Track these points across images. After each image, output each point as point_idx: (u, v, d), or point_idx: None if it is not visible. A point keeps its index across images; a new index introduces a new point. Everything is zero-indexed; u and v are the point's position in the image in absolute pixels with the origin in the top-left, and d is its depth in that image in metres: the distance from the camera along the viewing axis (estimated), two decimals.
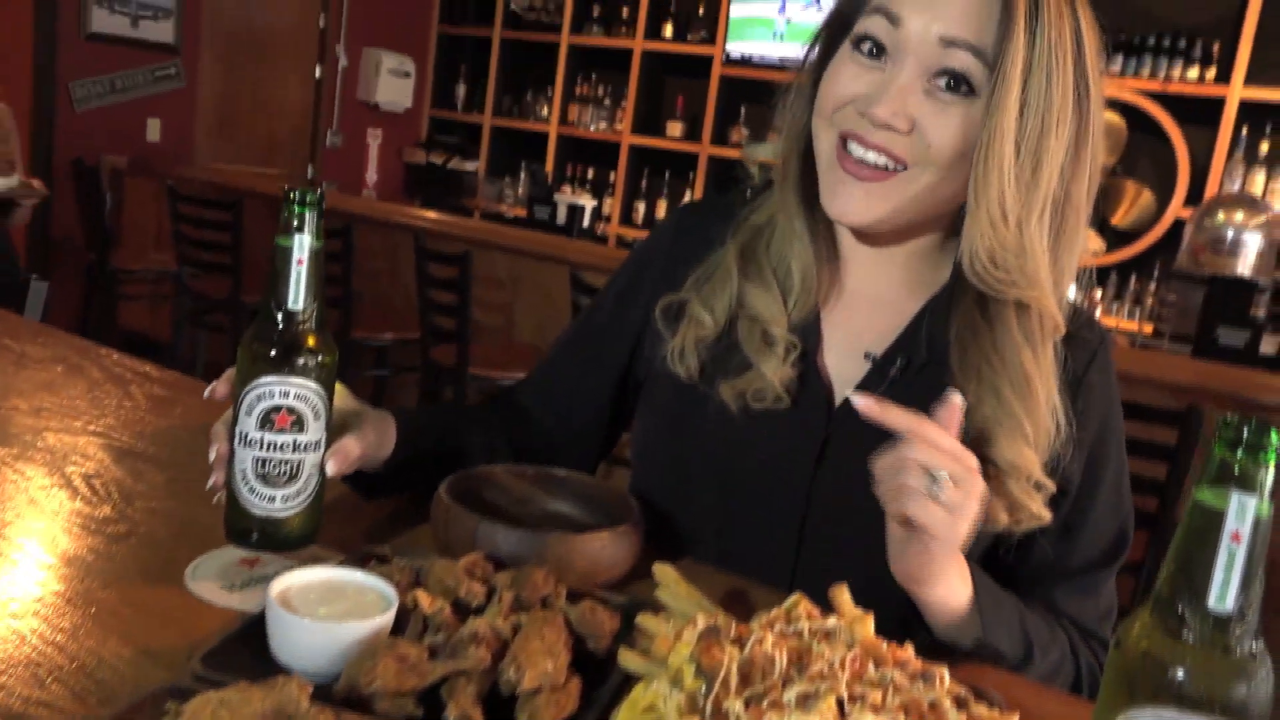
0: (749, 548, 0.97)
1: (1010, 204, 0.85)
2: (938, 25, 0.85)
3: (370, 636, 0.62)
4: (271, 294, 0.75)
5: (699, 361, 0.97)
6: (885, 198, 0.88)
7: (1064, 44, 0.85)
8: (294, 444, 0.75)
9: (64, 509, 0.87)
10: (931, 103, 0.86)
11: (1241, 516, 0.46)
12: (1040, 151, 0.85)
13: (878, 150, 0.86)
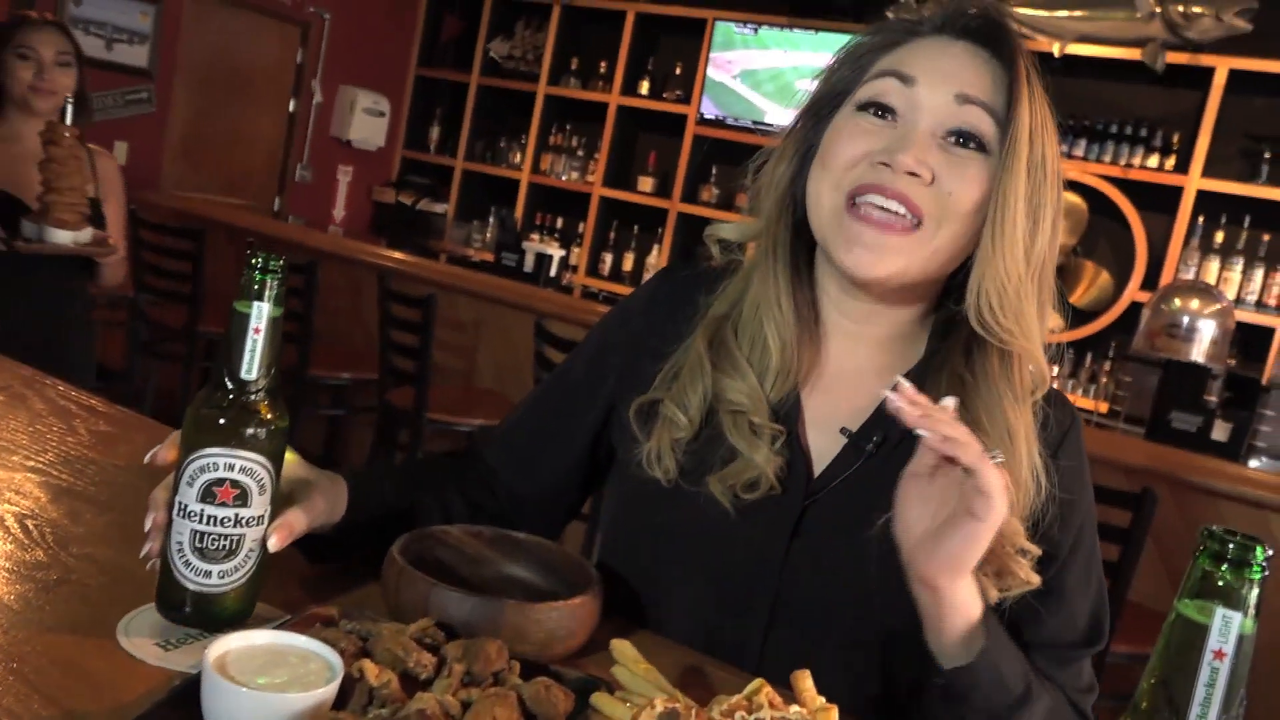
0: (718, 623, 0.95)
1: (1020, 257, 0.87)
2: (952, 83, 0.88)
3: (311, 710, 0.59)
4: (224, 360, 0.73)
5: (676, 462, 0.95)
6: (900, 251, 0.88)
7: (1050, 119, 0.89)
8: (235, 518, 0.72)
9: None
10: (949, 156, 0.88)
11: (1225, 633, 0.45)
12: (1039, 213, 0.88)
13: (899, 199, 0.87)
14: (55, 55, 2.51)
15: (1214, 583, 0.46)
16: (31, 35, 2.50)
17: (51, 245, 2.28)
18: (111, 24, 5.58)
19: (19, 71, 2.48)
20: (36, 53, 2.48)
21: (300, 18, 6.45)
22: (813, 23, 5.64)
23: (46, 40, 2.51)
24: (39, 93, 2.50)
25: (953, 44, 0.91)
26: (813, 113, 0.95)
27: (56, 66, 2.51)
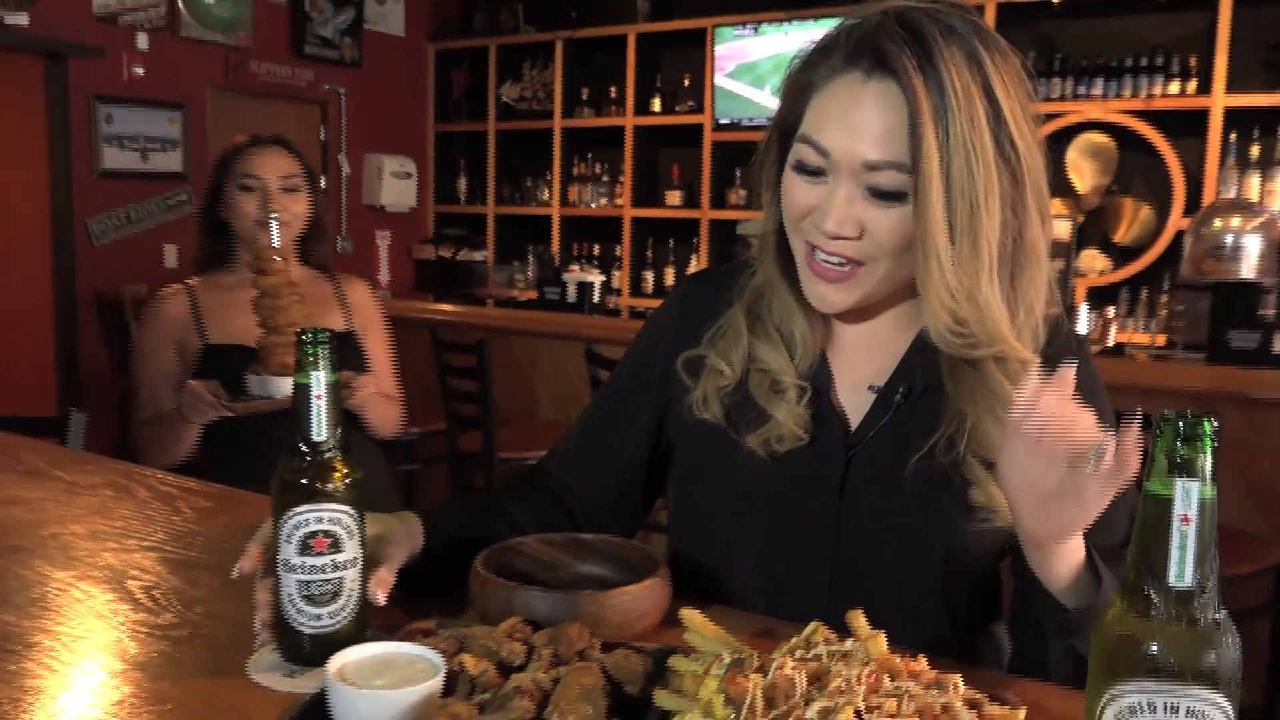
0: (786, 586, 1.02)
1: (954, 283, 0.92)
2: (859, 149, 0.92)
3: (424, 700, 0.67)
4: (295, 429, 0.82)
5: (722, 408, 1.04)
6: (852, 289, 0.97)
7: (977, 124, 0.90)
8: (333, 564, 0.82)
9: (129, 620, 0.93)
10: (872, 207, 0.93)
11: (1188, 501, 0.51)
12: (975, 227, 0.91)
13: (837, 255, 0.95)
14: (281, 180, 2.18)
15: (1173, 459, 0.52)
16: (252, 160, 2.18)
17: (273, 400, 1.87)
18: (144, 135, 5.84)
19: (243, 205, 2.16)
20: (260, 180, 2.16)
21: (317, 97, 6.67)
22: (810, 12, 5.70)
23: (270, 164, 2.19)
24: (265, 228, 2.08)
25: (865, 85, 0.92)
26: (778, 138, 1.02)
27: (284, 193, 2.18)
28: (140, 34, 5.74)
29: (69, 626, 0.90)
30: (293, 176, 2.19)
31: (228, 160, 2.20)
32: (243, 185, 2.14)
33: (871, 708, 0.62)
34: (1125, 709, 0.52)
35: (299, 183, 2.20)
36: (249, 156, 2.17)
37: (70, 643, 0.87)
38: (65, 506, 1.28)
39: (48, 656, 0.84)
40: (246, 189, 2.14)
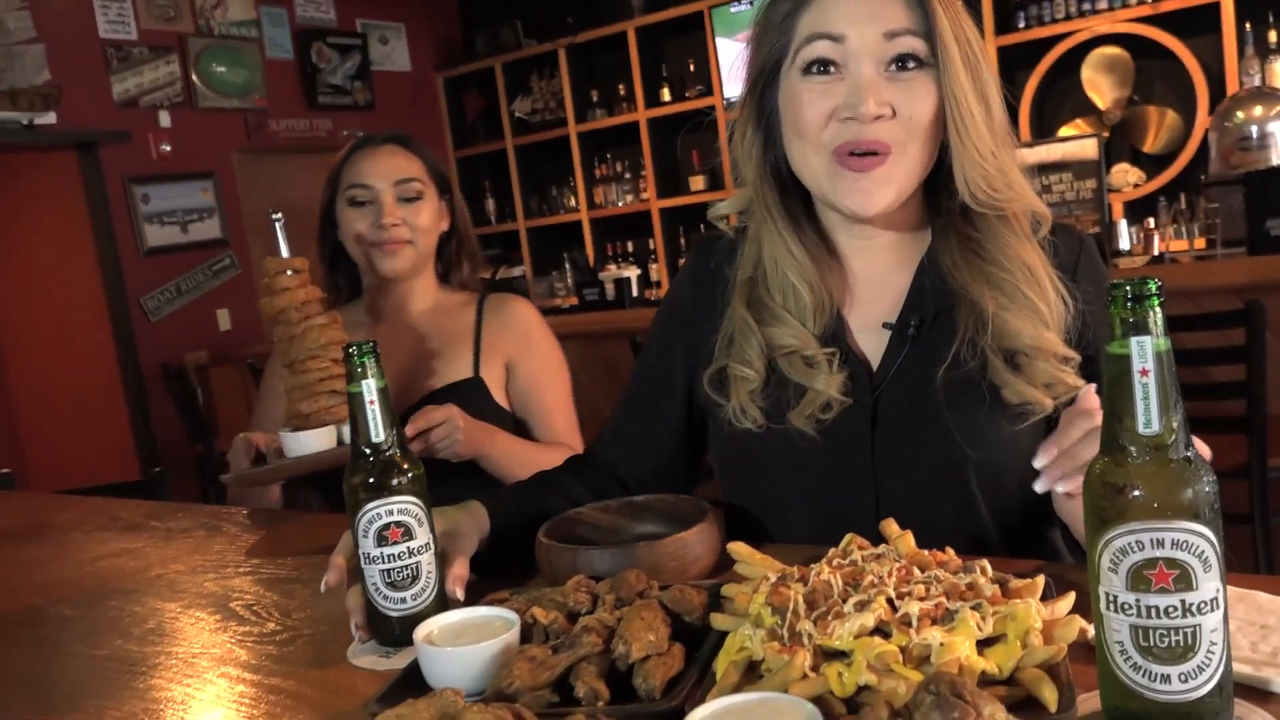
0: (834, 528, 1.08)
1: (985, 138, 1.00)
2: (876, 25, 0.98)
3: (503, 650, 0.74)
4: (357, 434, 0.90)
5: (759, 409, 1.08)
6: (888, 182, 1.01)
7: (964, 12, 1.00)
8: (408, 550, 0.89)
9: (236, 633, 1.01)
10: (897, 85, 0.99)
11: (1144, 355, 0.57)
12: (986, 94, 1.00)
13: (873, 145, 0.99)
14: (396, 187, 1.71)
15: (1126, 321, 0.57)
16: (360, 167, 1.73)
17: (291, 463, 1.44)
18: (181, 209, 6.04)
19: (352, 223, 1.72)
20: (371, 190, 1.70)
21: (337, 144, 6.77)
22: None
23: (382, 168, 1.72)
24: (381, 249, 1.71)
25: None
26: (756, 84, 1.07)
27: (401, 204, 1.71)
28: (162, 112, 5.94)
29: (185, 646, 1.00)
30: (411, 181, 1.73)
31: (334, 173, 1.78)
32: (351, 199, 1.72)
33: (902, 594, 0.68)
34: (1118, 551, 0.57)
35: (420, 188, 1.73)
36: (356, 162, 1.74)
37: (188, 659, 0.96)
38: (165, 549, 1.39)
39: (170, 672, 0.93)
40: (355, 203, 1.72)
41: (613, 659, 0.72)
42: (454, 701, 0.65)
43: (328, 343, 1.47)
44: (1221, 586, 0.57)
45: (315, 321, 1.47)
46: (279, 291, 1.47)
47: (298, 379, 1.45)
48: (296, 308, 1.47)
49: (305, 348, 1.45)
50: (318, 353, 1.46)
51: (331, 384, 1.46)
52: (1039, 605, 0.68)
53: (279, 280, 1.48)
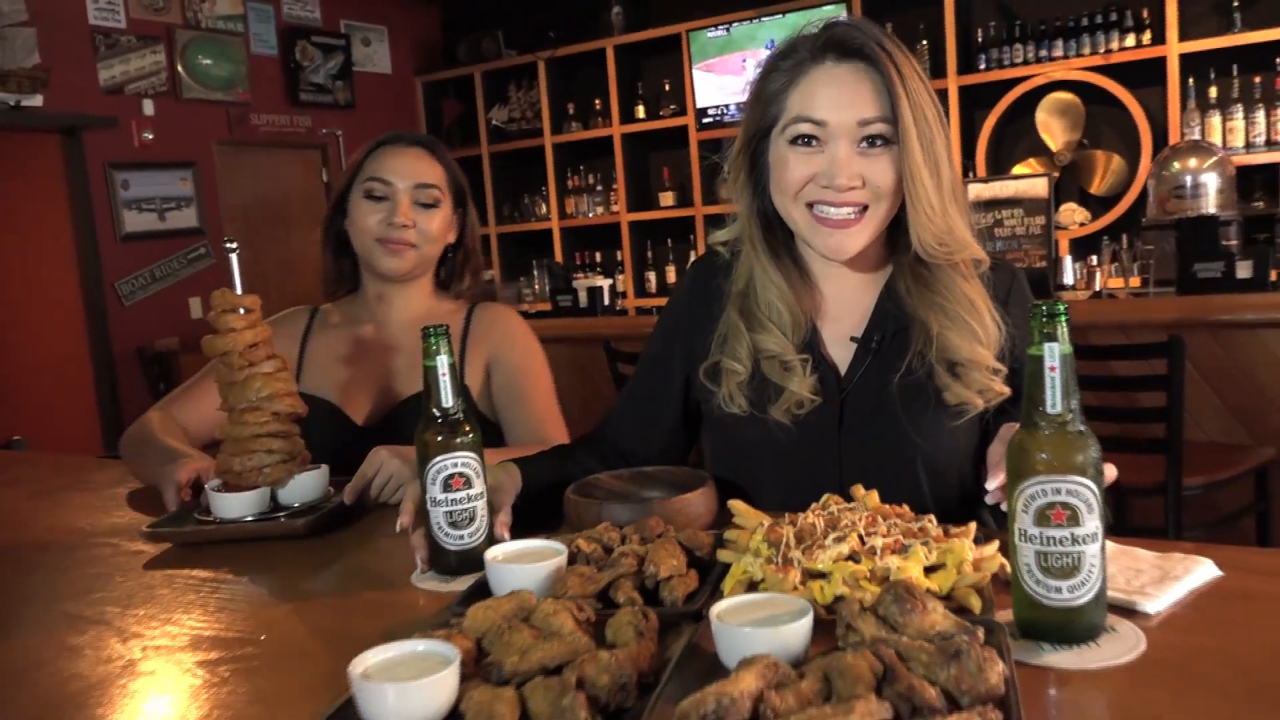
0: (805, 497, 1.29)
1: (934, 200, 1.21)
2: (852, 112, 1.21)
3: (557, 569, 0.95)
4: (428, 400, 1.09)
5: (745, 398, 1.30)
6: (861, 233, 1.24)
7: (923, 90, 1.21)
8: (468, 497, 1.09)
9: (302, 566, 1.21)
10: (866, 159, 1.22)
11: (1053, 356, 0.78)
12: (937, 163, 1.22)
13: (847, 205, 1.22)
14: (414, 189, 1.72)
15: (1042, 331, 0.79)
16: (385, 161, 1.73)
17: (211, 528, 1.32)
18: (159, 197, 6.14)
19: (364, 216, 1.72)
20: (390, 187, 1.71)
21: (316, 141, 6.97)
22: (778, 8, 5.98)
23: (406, 167, 1.73)
24: (386, 247, 1.72)
25: (838, 68, 1.21)
26: (750, 142, 1.30)
27: (417, 207, 1.73)
28: (146, 101, 6.05)
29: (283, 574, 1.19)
30: (430, 187, 1.73)
31: (358, 161, 1.78)
32: (368, 191, 1.72)
33: (870, 533, 0.89)
34: (1028, 497, 0.79)
35: (438, 195, 1.75)
36: (381, 157, 1.74)
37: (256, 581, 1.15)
38: None
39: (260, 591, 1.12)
40: (371, 196, 1.72)
41: (643, 578, 0.93)
42: (528, 598, 0.85)
43: (271, 394, 1.35)
44: (1100, 525, 0.79)
45: (259, 370, 1.36)
46: (224, 332, 1.36)
47: (234, 429, 1.34)
48: (240, 352, 1.35)
49: (245, 397, 1.35)
50: (258, 404, 1.35)
51: (269, 442, 1.35)
52: (971, 545, 0.89)
53: (225, 319, 1.36)
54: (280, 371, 1.39)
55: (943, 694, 0.66)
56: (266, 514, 1.35)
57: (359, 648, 0.74)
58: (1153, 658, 0.79)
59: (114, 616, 1.06)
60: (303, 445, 1.41)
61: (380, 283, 1.79)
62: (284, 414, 1.37)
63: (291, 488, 1.38)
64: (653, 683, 0.75)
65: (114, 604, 1.10)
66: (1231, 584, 0.91)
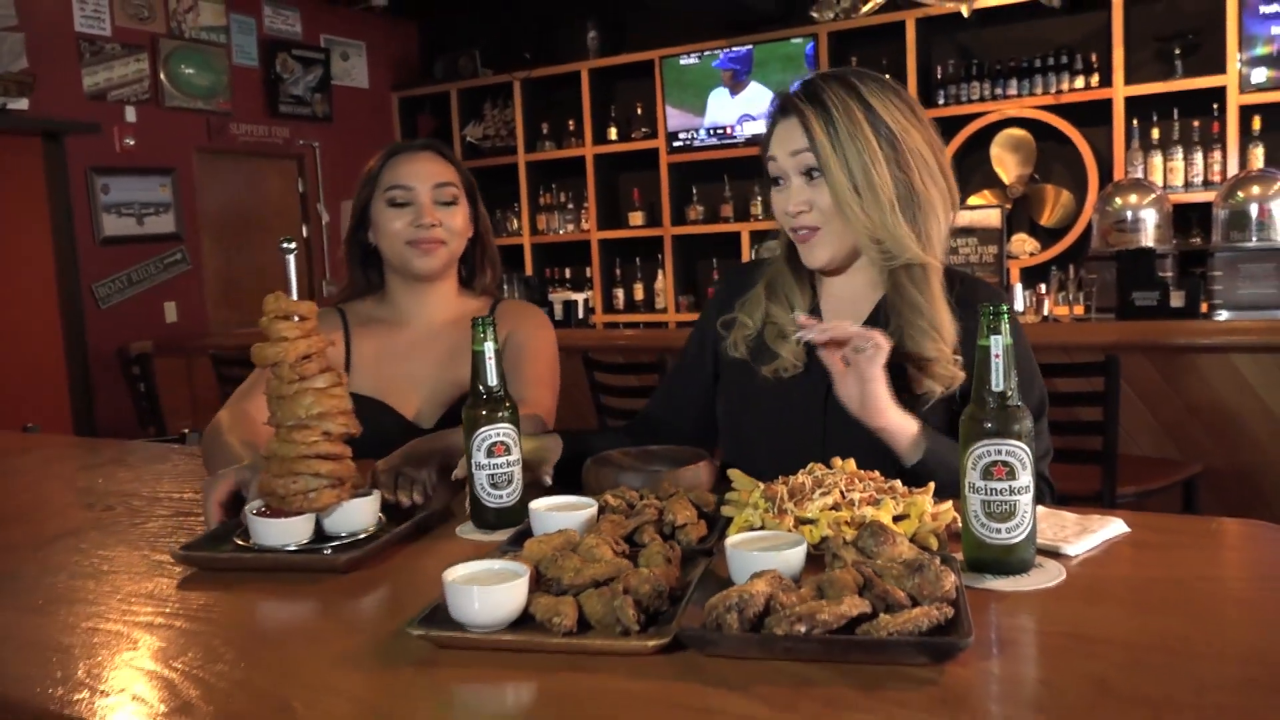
0: (793, 464, 1.49)
1: (865, 218, 1.45)
2: (789, 149, 1.48)
3: (589, 517, 1.14)
4: (476, 379, 1.28)
5: (747, 349, 1.56)
6: (820, 246, 1.50)
7: (856, 119, 1.44)
8: (507, 462, 1.28)
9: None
10: (810, 189, 1.48)
11: (998, 346, 1.00)
12: (869, 180, 1.44)
13: (804, 226, 1.49)
14: (434, 190, 1.83)
15: (989, 327, 1.00)
16: (401, 169, 1.84)
17: (251, 557, 1.21)
18: (138, 202, 6.24)
19: (391, 223, 1.82)
20: (411, 191, 1.82)
21: (294, 152, 7.11)
22: (748, 39, 6.25)
23: (422, 171, 1.84)
24: (418, 248, 1.82)
25: (786, 120, 1.49)
26: (769, 185, 1.56)
27: (438, 206, 1.83)
28: (128, 107, 6.17)
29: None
30: (448, 185, 1.85)
31: (373, 174, 1.87)
32: (390, 199, 1.82)
33: (850, 490, 1.10)
34: (976, 457, 1.00)
35: (456, 193, 1.86)
36: (396, 165, 1.85)
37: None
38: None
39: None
40: (395, 203, 1.82)
41: (662, 525, 1.13)
42: (573, 534, 1.04)
43: (322, 413, 1.25)
44: (1031, 480, 1.00)
45: (311, 384, 1.26)
46: (275, 340, 1.25)
47: (280, 447, 1.24)
48: (292, 363, 1.25)
49: (294, 413, 1.25)
50: (309, 423, 1.25)
51: (317, 464, 1.23)
52: (931, 501, 1.10)
53: (277, 326, 1.26)
54: (334, 387, 1.28)
55: (909, 597, 0.87)
56: (310, 545, 1.23)
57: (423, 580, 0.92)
58: (1070, 583, 1.00)
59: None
60: (354, 470, 1.28)
61: (410, 286, 1.89)
62: (335, 434, 1.26)
63: (338, 516, 1.26)
64: (679, 596, 0.94)
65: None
66: (1135, 537, 1.14)
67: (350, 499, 1.27)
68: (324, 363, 1.29)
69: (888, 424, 1.34)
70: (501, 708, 0.85)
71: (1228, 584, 1.04)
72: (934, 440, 1.36)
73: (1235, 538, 1.19)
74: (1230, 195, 4.09)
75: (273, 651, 0.96)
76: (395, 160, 1.86)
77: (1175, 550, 1.13)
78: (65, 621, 1.06)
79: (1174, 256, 4.17)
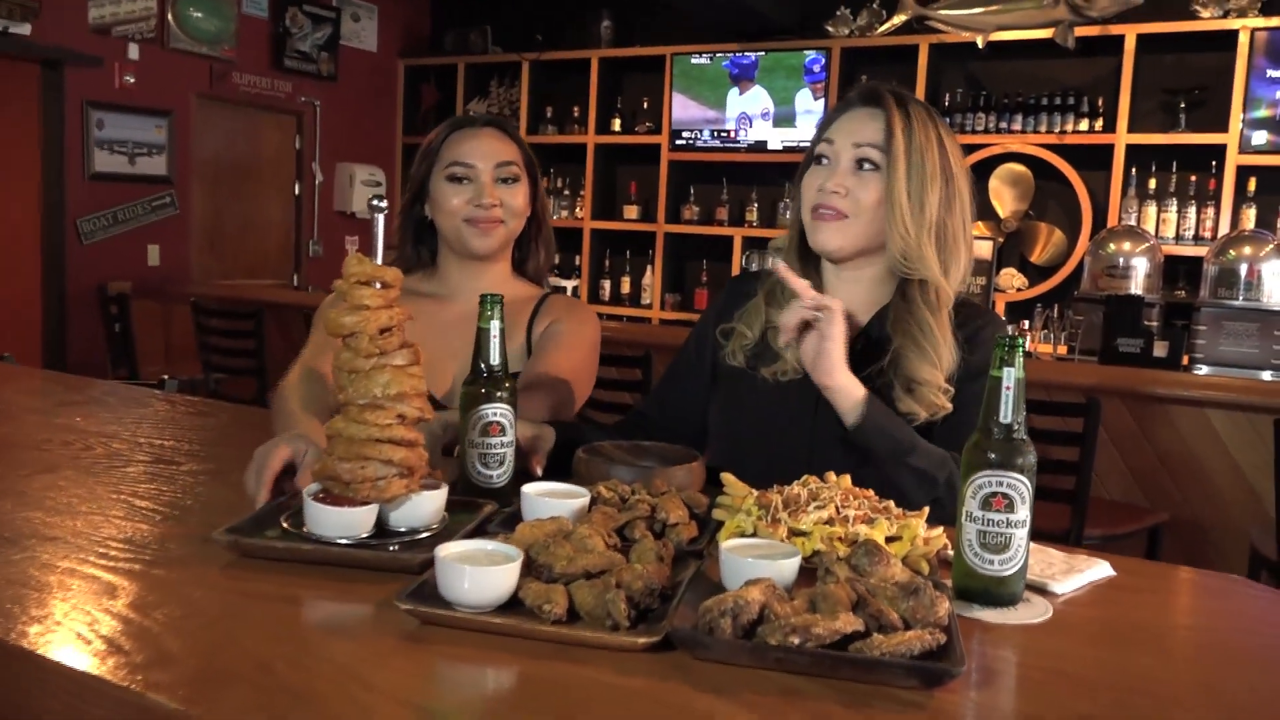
0: (780, 469, 1.49)
1: (909, 225, 1.47)
2: (852, 137, 1.49)
3: (582, 506, 1.13)
4: (478, 355, 1.27)
5: (745, 358, 1.58)
6: (840, 234, 1.51)
7: (930, 140, 1.48)
8: (501, 443, 1.27)
9: None
10: (855, 177, 1.49)
11: (1009, 379, 1.00)
12: (922, 196, 1.47)
13: (830, 207, 1.50)
14: (496, 168, 1.79)
15: (1002, 358, 1.00)
16: (464, 146, 1.79)
17: (310, 547, 1.07)
18: (132, 141, 6.17)
19: (449, 199, 1.78)
20: (473, 169, 1.78)
21: (294, 108, 7.05)
22: (761, 46, 6.25)
23: (485, 149, 1.80)
24: (476, 226, 1.78)
25: (854, 109, 1.52)
26: (800, 172, 1.58)
27: (500, 185, 1.79)
28: (132, 45, 6.08)
29: None
30: (510, 164, 1.80)
31: (432, 147, 1.84)
32: (450, 175, 1.78)
33: (844, 507, 1.10)
34: (977, 487, 1.00)
35: (517, 171, 1.81)
36: (459, 141, 1.80)
37: None
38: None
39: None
40: (455, 179, 1.77)
41: (654, 522, 1.12)
42: (566, 522, 1.03)
43: (400, 393, 1.13)
44: (1029, 515, 1.00)
45: (390, 361, 1.13)
46: (356, 307, 1.13)
47: (349, 427, 1.12)
48: (372, 336, 1.13)
49: (369, 391, 1.12)
50: (384, 404, 1.12)
51: (389, 450, 1.11)
52: (924, 524, 1.10)
53: (359, 293, 1.13)
54: (413, 366, 1.15)
55: (902, 620, 0.87)
56: (371, 539, 1.09)
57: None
58: (1057, 620, 1.01)
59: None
60: (425, 459, 1.16)
61: (464, 263, 1.84)
62: (410, 418, 1.13)
63: (405, 509, 1.12)
64: (670, 595, 0.94)
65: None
66: (1121, 580, 1.14)
67: (419, 492, 1.13)
68: (403, 337, 1.16)
69: (834, 383, 1.39)
70: (484, 689, 0.85)
71: (1210, 633, 1.05)
72: (877, 409, 1.39)
73: (1213, 590, 1.20)
74: (1222, 252, 4.13)
75: (256, 609, 0.95)
76: (458, 136, 1.82)
77: (1158, 596, 1.14)
78: (42, 560, 1.04)
79: (1161, 307, 4.22)
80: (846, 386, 1.39)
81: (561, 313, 1.86)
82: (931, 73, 5.91)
